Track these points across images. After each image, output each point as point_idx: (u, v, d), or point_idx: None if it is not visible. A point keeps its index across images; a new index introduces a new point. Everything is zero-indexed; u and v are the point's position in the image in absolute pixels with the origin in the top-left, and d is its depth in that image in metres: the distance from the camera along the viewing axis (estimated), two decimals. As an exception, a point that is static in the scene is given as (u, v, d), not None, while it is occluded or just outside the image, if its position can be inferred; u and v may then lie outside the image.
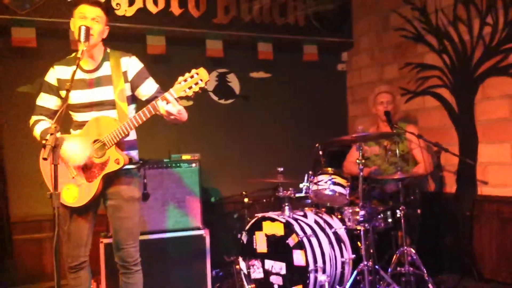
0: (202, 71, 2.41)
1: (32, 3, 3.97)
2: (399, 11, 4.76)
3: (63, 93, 2.71)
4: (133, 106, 2.81)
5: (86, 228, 2.75)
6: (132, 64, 2.74)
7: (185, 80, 2.42)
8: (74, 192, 2.62)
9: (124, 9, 4.30)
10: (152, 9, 4.40)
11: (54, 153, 2.07)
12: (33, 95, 2.82)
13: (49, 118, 2.79)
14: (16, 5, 3.91)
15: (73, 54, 2.78)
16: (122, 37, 4.11)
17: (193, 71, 2.42)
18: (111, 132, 2.56)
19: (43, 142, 2.08)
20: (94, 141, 2.60)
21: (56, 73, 2.72)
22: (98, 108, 2.68)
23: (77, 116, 2.73)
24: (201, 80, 2.40)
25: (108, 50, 2.76)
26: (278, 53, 4.99)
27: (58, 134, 2.12)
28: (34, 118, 2.80)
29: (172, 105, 2.44)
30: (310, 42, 5.12)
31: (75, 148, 2.57)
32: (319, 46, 5.16)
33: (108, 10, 2.75)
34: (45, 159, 2.05)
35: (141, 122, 2.54)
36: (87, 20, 2.58)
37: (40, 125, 2.75)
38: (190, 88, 2.41)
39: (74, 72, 2.41)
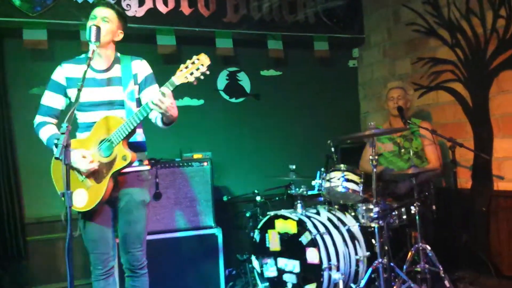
0: (202, 56, 2.44)
1: (43, 5, 3.99)
2: (410, 6, 4.70)
3: (70, 91, 2.69)
4: None
5: (109, 231, 2.73)
6: (142, 68, 2.77)
7: (186, 67, 2.43)
8: (84, 196, 2.59)
9: (134, 10, 4.30)
10: (162, 9, 4.39)
11: (66, 153, 2.06)
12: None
13: (54, 118, 2.73)
14: (27, 7, 3.93)
15: (83, 54, 2.77)
16: (132, 37, 4.09)
17: (194, 57, 2.44)
18: (117, 129, 2.54)
19: (55, 141, 2.08)
20: (101, 141, 2.58)
21: (64, 72, 2.69)
22: (107, 107, 2.67)
23: (84, 116, 2.69)
24: (202, 65, 2.42)
25: (119, 54, 2.78)
26: (288, 50, 4.96)
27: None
28: (39, 118, 2.73)
29: (168, 96, 2.43)
30: (320, 39, 5.08)
31: (78, 157, 2.54)
32: (330, 42, 5.11)
33: (123, 15, 2.74)
34: (57, 158, 2.04)
35: (142, 118, 2.51)
36: (97, 19, 2.60)
37: (47, 130, 2.68)
38: (191, 74, 2.42)
39: (85, 71, 2.41)
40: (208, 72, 2.44)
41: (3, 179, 3.94)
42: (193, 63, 2.43)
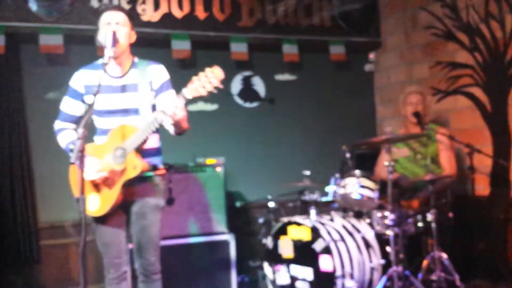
0: (216, 70, 2.35)
1: (59, 10, 4.03)
2: (428, 9, 4.63)
3: (87, 98, 2.71)
4: None
5: (122, 235, 2.74)
6: (158, 74, 2.74)
7: (199, 80, 2.36)
8: (96, 201, 2.60)
9: (149, 15, 4.32)
10: (177, 13, 4.40)
11: (81, 158, 2.08)
12: (60, 102, 2.83)
13: (73, 124, 2.78)
14: (43, 12, 3.97)
15: (100, 59, 2.76)
16: (147, 42, 4.12)
17: (207, 69, 2.36)
18: (130, 138, 2.54)
19: (70, 147, 2.09)
20: (116, 149, 2.57)
21: (83, 79, 2.70)
22: (122, 114, 2.67)
23: (101, 122, 2.71)
24: (215, 78, 2.34)
25: (136, 59, 2.76)
26: (304, 54, 4.91)
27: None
28: (58, 123, 2.80)
29: (180, 109, 2.43)
30: (336, 42, 5.02)
31: (90, 164, 2.55)
32: (346, 46, 5.04)
33: (132, 15, 2.74)
34: (72, 163, 2.07)
35: (154, 128, 2.49)
36: (111, 25, 2.59)
37: (65, 136, 2.73)
38: (203, 87, 2.34)
39: (101, 78, 2.42)
40: (221, 86, 2.37)
41: (18, 184, 3.97)
42: (206, 76, 2.35)
